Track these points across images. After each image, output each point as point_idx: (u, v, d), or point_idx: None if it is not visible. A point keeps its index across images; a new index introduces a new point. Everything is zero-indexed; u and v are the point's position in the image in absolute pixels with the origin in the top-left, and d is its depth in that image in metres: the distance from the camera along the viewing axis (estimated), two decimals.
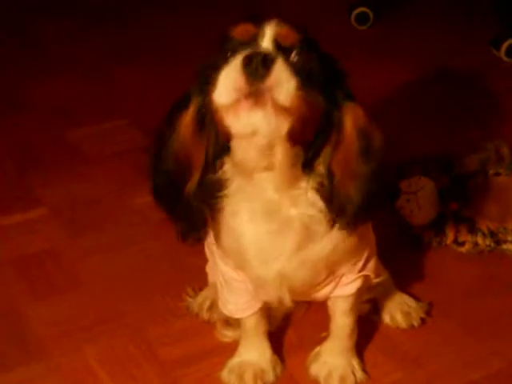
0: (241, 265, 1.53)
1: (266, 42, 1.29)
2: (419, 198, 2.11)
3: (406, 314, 1.87)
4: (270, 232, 1.43)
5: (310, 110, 1.29)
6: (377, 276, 1.67)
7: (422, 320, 1.88)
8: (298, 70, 1.26)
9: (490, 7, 3.59)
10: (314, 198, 1.40)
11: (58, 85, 3.08)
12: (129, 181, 2.44)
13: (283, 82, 1.23)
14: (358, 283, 1.61)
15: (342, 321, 1.67)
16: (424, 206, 2.11)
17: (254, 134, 1.26)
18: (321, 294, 1.62)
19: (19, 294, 1.98)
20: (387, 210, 2.15)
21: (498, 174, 2.15)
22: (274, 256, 1.46)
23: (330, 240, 1.45)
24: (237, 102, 1.24)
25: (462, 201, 2.13)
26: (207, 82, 1.32)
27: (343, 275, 1.59)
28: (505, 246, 2.10)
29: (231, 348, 1.75)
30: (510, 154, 2.26)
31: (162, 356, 1.79)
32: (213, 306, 1.87)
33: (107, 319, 1.89)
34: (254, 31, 1.31)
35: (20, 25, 3.69)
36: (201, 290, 1.93)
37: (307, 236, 1.44)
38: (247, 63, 1.22)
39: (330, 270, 1.55)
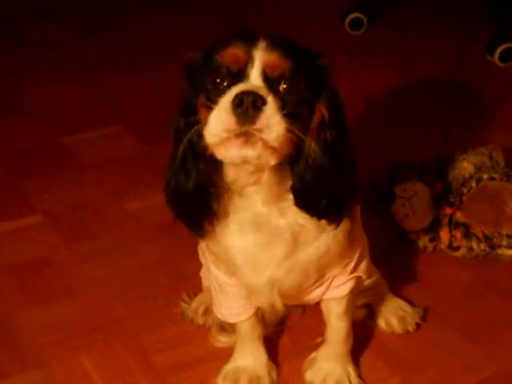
0: (232, 271, 1.55)
1: (256, 74, 1.30)
2: (414, 203, 2.11)
3: (402, 319, 1.87)
4: (259, 242, 1.46)
5: (297, 139, 1.31)
6: (369, 277, 1.67)
7: (417, 325, 1.88)
8: (285, 101, 1.29)
9: (484, 12, 3.60)
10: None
11: (52, 91, 3.07)
12: (124, 186, 2.44)
13: (273, 124, 1.26)
14: (349, 285, 1.62)
15: (336, 325, 1.68)
16: (419, 210, 2.11)
17: (243, 163, 1.32)
18: (312, 296, 1.63)
19: (14, 301, 1.98)
20: (382, 214, 2.16)
21: (492, 179, 2.15)
22: (264, 264, 1.48)
23: (319, 244, 1.47)
24: (227, 139, 1.27)
25: (456, 206, 2.14)
26: (196, 94, 1.35)
27: (334, 277, 1.59)
28: (499, 251, 2.10)
29: (226, 354, 1.75)
30: (504, 158, 2.26)
31: (157, 362, 1.78)
32: (207, 311, 1.87)
33: (102, 326, 1.89)
34: (243, 58, 1.31)
35: (16, 29, 3.69)
36: (196, 295, 1.93)
37: (296, 244, 1.46)
38: (238, 104, 1.24)
39: (320, 272, 1.56)
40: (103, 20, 3.79)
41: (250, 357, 1.71)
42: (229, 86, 1.30)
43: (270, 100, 1.26)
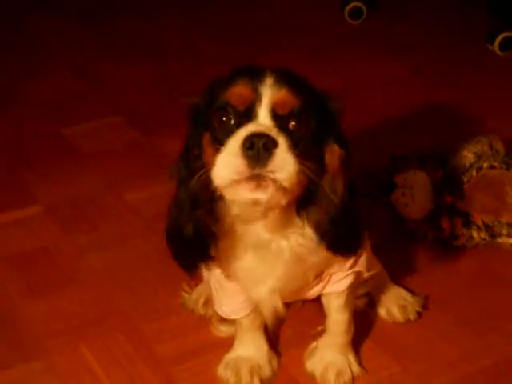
0: (234, 279, 1.57)
1: (264, 113, 1.27)
2: (414, 193, 2.11)
3: (402, 308, 1.87)
4: (260, 262, 1.46)
5: (307, 178, 1.30)
6: (369, 270, 1.67)
7: (418, 313, 1.88)
8: (295, 139, 1.27)
9: (484, 1, 3.59)
10: (302, 229, 1.42)
11: (52, 82, 3.07)
12: (123, 178, 2.44)
13: (285, 166, 1.23)
14: (349, 279, 1.61)
15: (336, 317, 1.68)
16: (419, 199, 2.11)
17: (254, 204, 1.32)
18: (311, 293, 1.63)
19: (15, 292, 1.98)
20: (383, 204, 2.16)
21: (492, 167, 2.15)
22: (264, 278, 1.49)
23: (319, 254, 1.47)
24: (237, 182, 1.25)
25: (456, 195, 2.13)
26: (200, 133, 1.34)
27: (333, 273, 1.59)
28: (500, 240, 2.10)
29: (227, 343, 1.75)
30: (504, 147, 2.26)
31: (158, 352, 1.79)
32: (208, 301, 1.87)
33: (103, 316, 1.89)
34: (249, 97, 1.28)
35: (15, 22, 3.68)
36: (196, 285, 1.93)
37: (297, 262, 1.46)
38: (248, 147, 1.22)
39: (319, 272, 1.56)
40: (103, 10, 3.78)
41: (250, 346, 1.71)
42: (237, 126, 1.27)
43: (282, 141, 1.23)
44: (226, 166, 1.25)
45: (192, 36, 3.48)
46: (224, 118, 1.29)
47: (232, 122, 1.28)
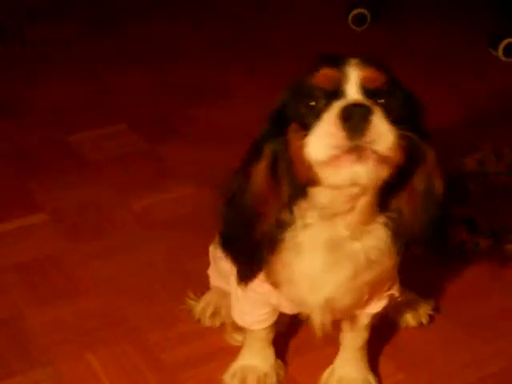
0: (289, 293, 1.49)
1: (353, 89, 1.22)
2: None
3: (414, 312, 1.87)
4: (326, 264, 1.38)
5: (405, 154, 1.25)
6: (401, 294, 1.64)
7: (431, 317, 1.88)
8: (388, 114, 1.21)
9: (487, 7, 3.60)
10: (379, 230, 1.37)
11: (57, 89, 3.07)
12: (128, 185, 2.44)
13: (383, 134, 1.18)
14: (384, 302, 1.58)
15: (357, 335, 1.64)
16: None
17: (353, 185, 1.23)
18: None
19: (20, 300, 1.98)
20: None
21: (497, 173, 2.15)
22: (324, 284, 1.41)
23: (380, 265, 1.42)
24: (336, 157, 1.19)
25: (461, 201, 2.13)
26: (282, 129, 1.28)
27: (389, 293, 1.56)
28: (505, 246, 2.10)
29: (234, 351, 1.75)
30: (508, 152, 2.26)
31: (165, 360, 1.79)
32: (216, 312, 1.86)
33: (109, 324, 1.89)
34: (337, 76, 1.24)
35: (18, 29, 3.68)
36: (202, 294, 1.93)
37: (368, 267, 1.40)
38: (346, 118, 1.17)
39: (373, 291, 1.51)
40: (105, 18, 3.78)
41: (258, 356, 1.70)
42: (326, 106, 1.21)
43: (377, 109, 1.19)
44: (323, 139, 1.19)
45: (195, 42, 3.48)
46: (312, 103, 1.24)
47: (321, 104, 1.22)
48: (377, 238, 1.37)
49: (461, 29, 3.58)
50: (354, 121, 1.17)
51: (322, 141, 1.19)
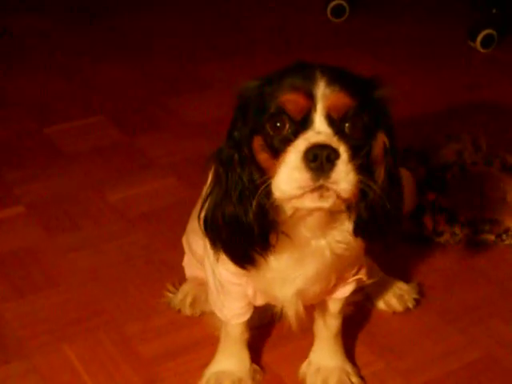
0: (260, 287, 1.53)
1: (320, 120, 1.24)
2: None
3: (400, 297, 1.88)
4: (294, 260, 1.42)
5: (363, 184, 1.28)
6: (369, 277, 1.65)
7: (416, 301, 1.89)
8: (350, 139, 1.25)
9: None
10: (344, 225, 1.39)
11: (34, 82, 3.05)
12: (106, 177, 2.43)
13: (346, 176, 1.22)
14: (351, 286, 1.59)
15: (330, 322, 1.66)
16: None
17: (314, 211, 1.31)
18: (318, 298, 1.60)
19: None
20: None
21: (475, 164, 2.15)
22: (292, 278, 1.45)
23: (354, 248, 1.44)
24: (300, 195, 1.23)
25: (439, 191, 2.14)
26: (248, 146, 1.31)
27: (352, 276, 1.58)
28: (483, 236, 2.11)
29: (210, 343, 1.75)
30: (485, 143, 2.27)
31: (142, 352, 1.78)
32: (195, 301, 1.86)
33: (86, 317, 1.88)
34: (305, 106, 1.25)
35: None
36: (180, 284, 1.92)
37: (334, 260, 1.42)
38: (312, 160, 1.20)
39: (340, 276, 1.54)
40: (86, 10, 3.76)
41: (233, 359, 1.68)
42: (293, 134, 1.25)
43: (342, 151, 1.22)
44: (289, 180, 1.23)
45: (176, 36, 3.47)
46: (278, 125, 1.27)
47: (288, 129, 1.26)
48: (341, 233, 1.40)
49: (439, 20, 3.60)
50: (319, 163, 1.20)
51: (287, 181, 1.24)
